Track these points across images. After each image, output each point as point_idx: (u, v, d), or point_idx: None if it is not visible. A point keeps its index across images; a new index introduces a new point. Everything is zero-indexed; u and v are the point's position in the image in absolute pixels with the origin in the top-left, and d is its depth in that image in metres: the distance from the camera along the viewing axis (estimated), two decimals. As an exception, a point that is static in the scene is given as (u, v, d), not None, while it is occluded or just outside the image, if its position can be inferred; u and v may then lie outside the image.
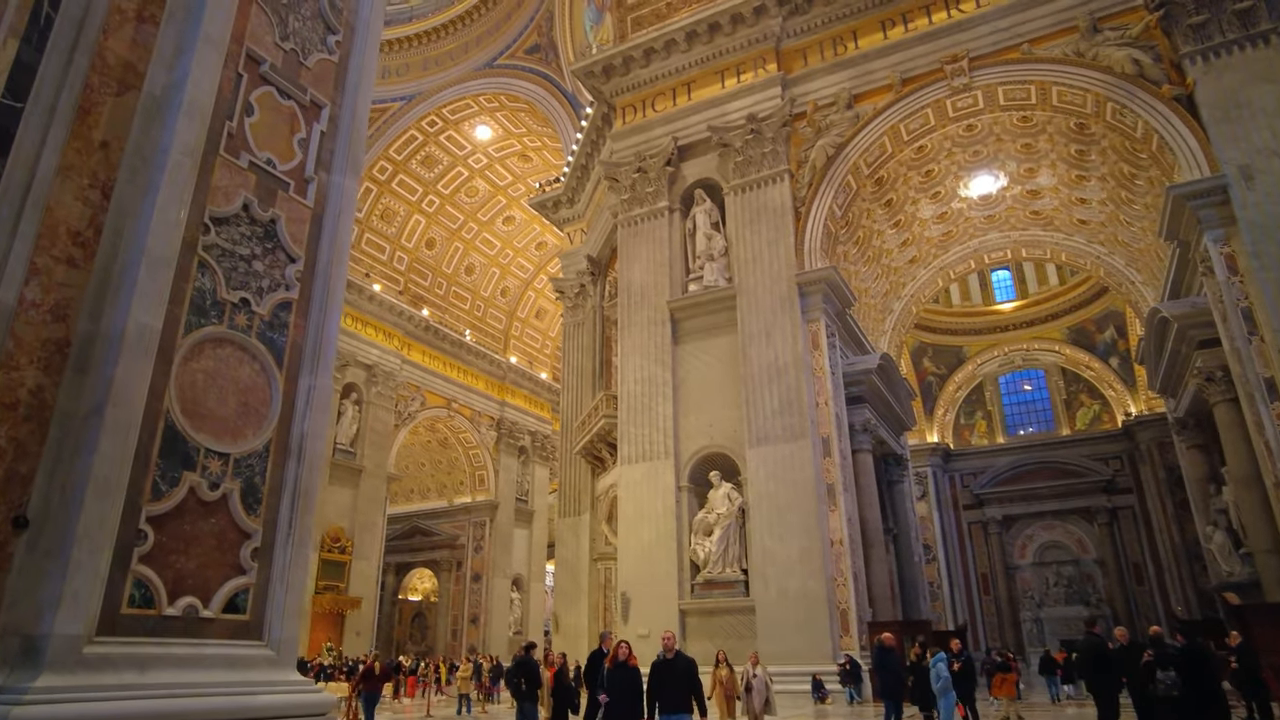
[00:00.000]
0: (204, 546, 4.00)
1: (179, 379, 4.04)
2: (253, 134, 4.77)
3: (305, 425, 4.64)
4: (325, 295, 5.03)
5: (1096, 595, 31.32)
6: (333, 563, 32.29)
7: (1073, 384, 33.57)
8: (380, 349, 36.08)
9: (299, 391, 4.67)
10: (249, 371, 4.43)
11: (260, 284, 4.61)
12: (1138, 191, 18.92)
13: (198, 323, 4.21)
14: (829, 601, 15.33)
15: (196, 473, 4.02)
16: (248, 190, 4.64)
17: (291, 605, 4.32)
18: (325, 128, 5.29)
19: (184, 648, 3.77)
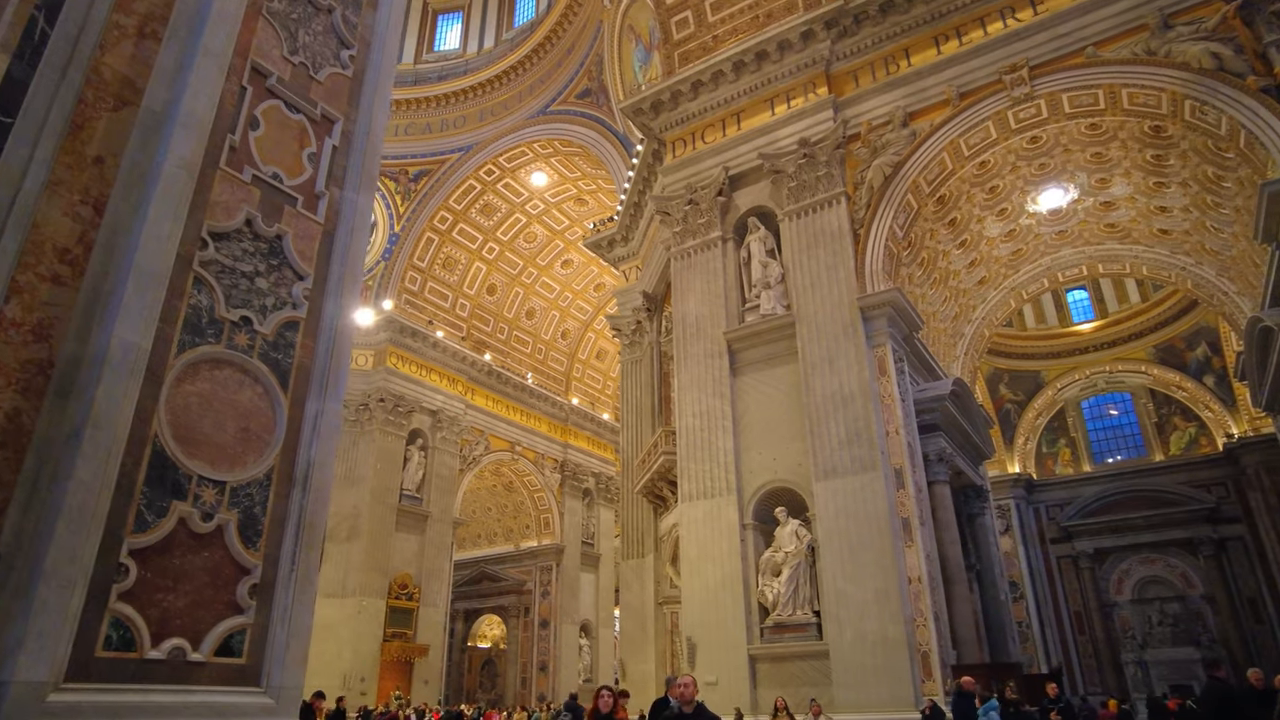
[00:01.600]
0: (195, 583, 3.67)
1: (170, 402, 3.76)
2: (257, 148, 4.56)
3: (312, 453, 4.31)
4: (337, 315, 4.74)
5: (1208, 635, 28.88)
6: (400, 610, 32.27)
7: (1163, 406, 31.48)
8: (445, 394, 36.42)
9: (306, 416, 4.36)
10: (250, 395, 4.14)
11: (264, 302, 4.34)
12: (1225, 195, 17.69)
13: (192, 342, 3.94)
14: (909, 644, 14.29)
15: (188, 502, 3.71)
16: (251, 205, 4.41)
17: (295, 649, 3.94)
18: (338, 143, 5.08)
19: (168, 695, 3.41)
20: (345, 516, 32.27)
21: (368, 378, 34.54)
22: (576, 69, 32.81)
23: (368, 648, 30.78)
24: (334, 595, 31.11)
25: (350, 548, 31.78)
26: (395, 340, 35.01)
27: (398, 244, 36.73)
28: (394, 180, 37.17)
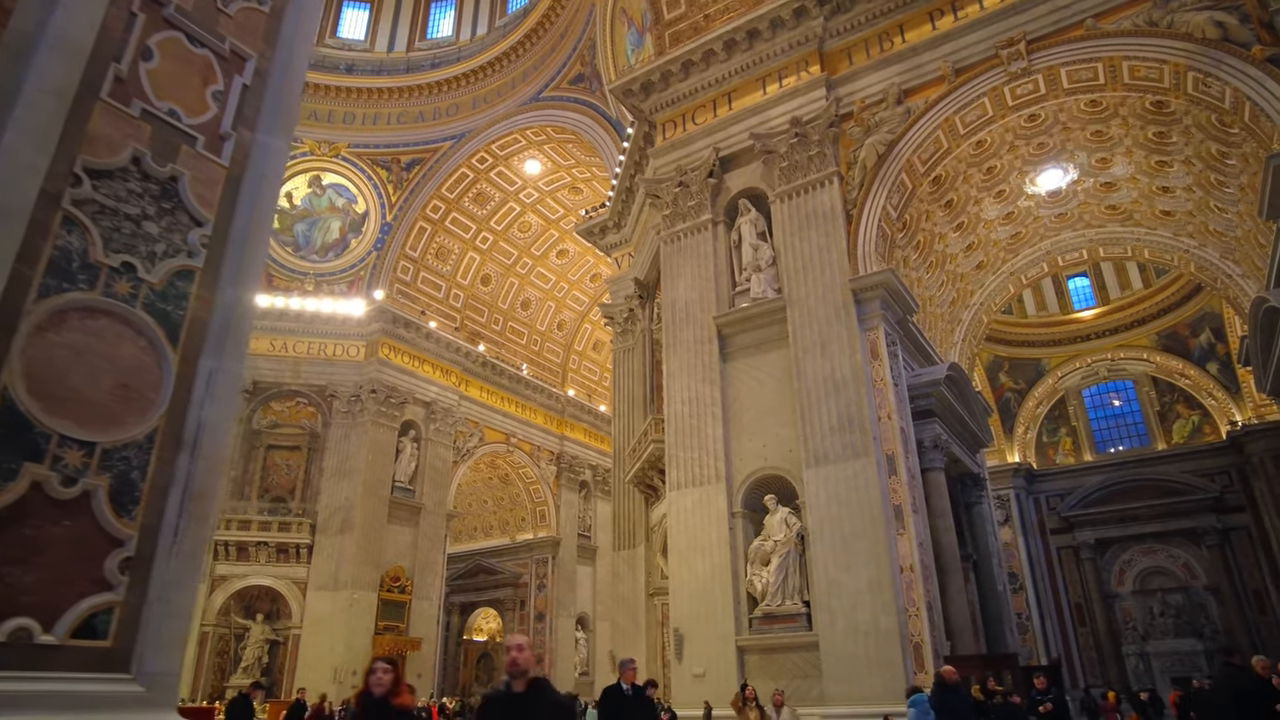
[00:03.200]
0: (53, 556, 3.24)
1: (28, 352, 3.33)
2: (151, 81, 4.12)
3: (205, 414, 3.88)
4: (241, 266, 4.29)
5: (1211, 627, 28.42)
6: (393, 603, 31.94)
7: (1166, 394, 30.97)
8: (438, 386, 36.03)
9: (199, 375, 3.92)
10: (132, 349, 3.71)
11: (153, 248, 3.90)
12: (1230, 172, 17.17)
13: (59, 287, 3.51)
14: (901, 635, 13.86)
15: (45, 465, 3.28)
16: (140, 142, 3.97)
17: (173, 630, 3.51)
18: (250, 82, 4.63)
19: (10, 683, 2.98)
20: (337, 509, 31.94)
21: (360, 369, 34.16)
22: (569, 54, 32.30)
23: (359, 641, 30.43)
24: (325, 588, 30.81)
25: (342, 540, 31.43)
26: (387, 331, 34.59)
27: (390, 233, 36.30)
28: (386, 169, 36.74)
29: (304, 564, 31.57)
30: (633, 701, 6.35)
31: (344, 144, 36.43)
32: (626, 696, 6.30)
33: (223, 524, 31.06)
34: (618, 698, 6.17)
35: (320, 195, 37.06)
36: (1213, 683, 7.73)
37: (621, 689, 6.30)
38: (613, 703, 6.16)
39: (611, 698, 6.21)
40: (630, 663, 6.41)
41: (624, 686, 6.30)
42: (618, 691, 6.25)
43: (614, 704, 6.14)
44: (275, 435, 33.99)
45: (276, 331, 34.26)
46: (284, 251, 36.18)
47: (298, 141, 36.08)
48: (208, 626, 29.93)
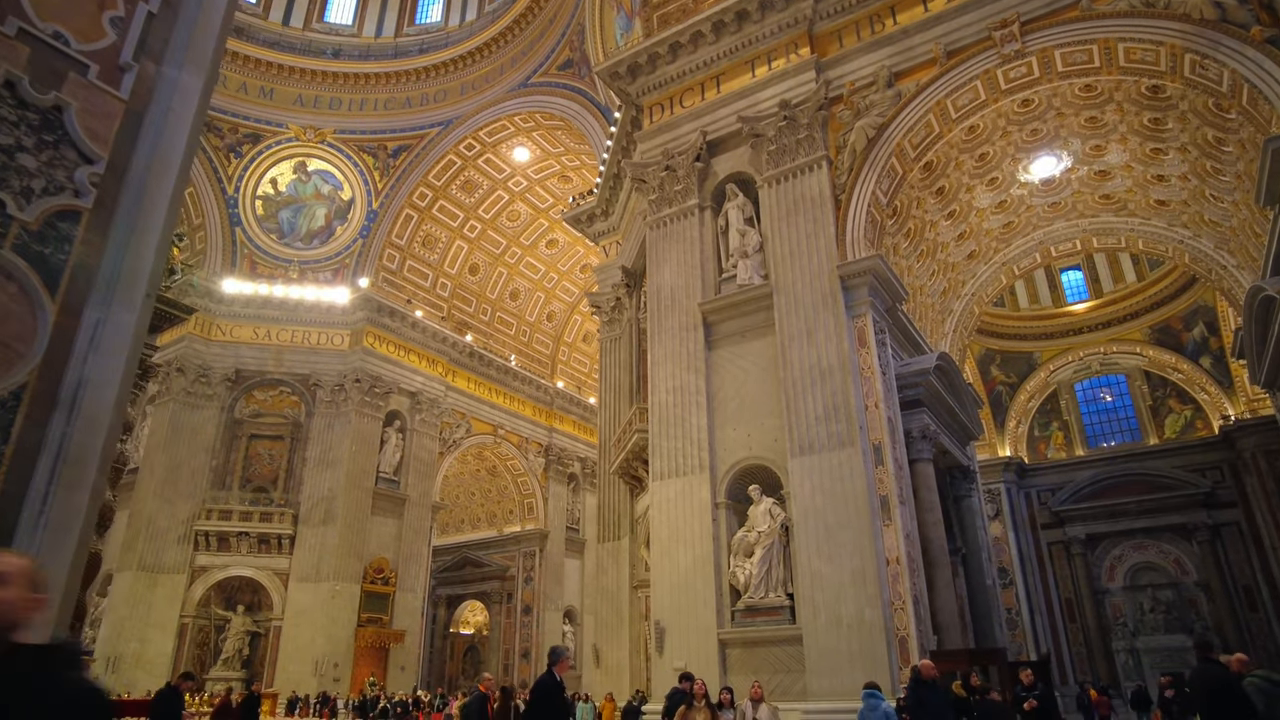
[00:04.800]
0: (-114, 527, 2.81)
1: None
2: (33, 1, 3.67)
3: (87, 370, 3.45)
4: (139, 211, 3.85)
5: (1201, 623, 28.18)
6: (376, 595, 31.55)
7: (1159, 389, 30.68)
8: (424, 376, 35.58)
9: (82, 326, 3.49)
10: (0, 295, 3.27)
11: (28, 184, 3.47)
12: (1226, 160, 16.81)
13: (-95, 221, 3.06)
14: (886, 628, 13.49)
15: (-122, 422, 2.84)
16: (14, 65, 3.53)
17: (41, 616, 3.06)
18: (156, 10, 4.18)
19: None
20: (320, 500, 31.50)
21: (344, 358, 33.68)
22: (558, 40, 31.80)
23: (341, 634, 30.05)
24: (307, 580, 30.39)
25: (325, 531, 31.01)
26: (373, 320, 34.11)
27: (376, 221, 35.80)
28: (372, 155, 36.22)
29: (286, 555, 31.14)
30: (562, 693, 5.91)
31: (330, 130, 35.90)
32: (559, 687, 5.87)
33: (203, 514, 30.62)
34: (550, 688, 5.73)
35: (305, 182, 36.52)
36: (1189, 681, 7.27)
37: (554, 678, 5.86)
38: (545, 695, 5.70)
39: (545, 689, 5.75)
40: (564, 652, 5.95)
41: (557, 676, 5.86)
42: (551, 681, 5.80)
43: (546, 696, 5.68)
44: (257, 424, 33.52)
45: (260, 319, 33.78)
46: (268, 238, 35.65)
47: (282, 127, 35.58)
48: (187, 617, 29.49)
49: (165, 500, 29.93)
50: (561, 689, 5.83)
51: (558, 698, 5.73)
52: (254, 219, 35.55)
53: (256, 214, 35.67)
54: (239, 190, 35.04)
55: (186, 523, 30.20)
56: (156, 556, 29.36)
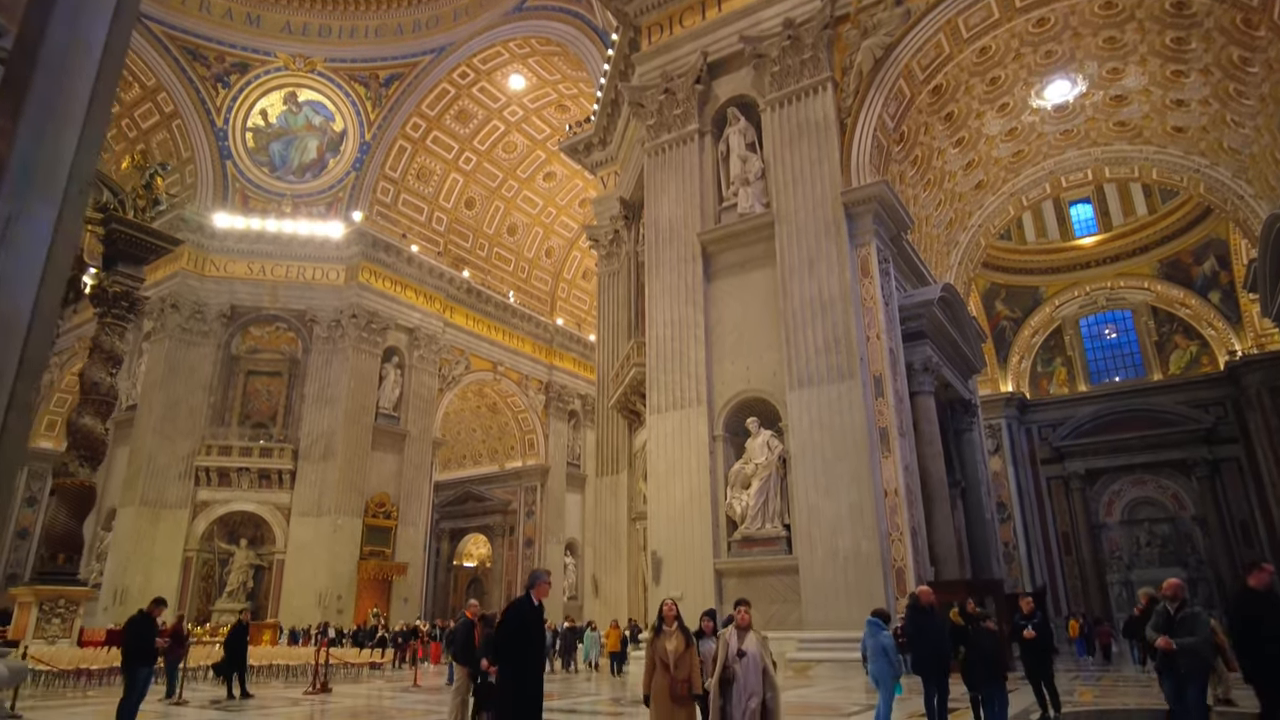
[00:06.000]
0: None
1: None
2: None
3: (-2, 269, 3.07)
4: (59, 94, 3.40)
5: (1196, 557, 28.40)
6: (378, 529, 31.77)
7: (1165, 324, 30.28)
8: (421, 312, 35.18)
9: (-9, 220, 3.10)
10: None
11: (-81, 55, 3.03)
12: (1251, 81, 16.09)
13: None
14: (883, 560, 13.45)
15: None
16: (-100, -84, 3.06)
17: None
18: None
19: None
20: (320, 436, 31.47)
21: (340, 293, 33.23)
22: (555, -42, 30.44)
23: (344, 567, 30.36)
24: (309, 514, 30.57)
25: (325, 467, 31.05)
26: (368, 254, 33.54)
27: (369, 153, 34.90)
28: (364, 85, 35.10)
29: (287, 490, 31.27)
30: (539, 618, 5.59)
31: (320, 59, 34.71)
32: (535, 611, 5.54)
33: (203, 450, 30.64)
34: (525, 612, 5.43)
35: (296, 113, 35.50)
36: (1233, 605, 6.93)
37: (530, 602, 5.57)
38: (518, 619, 5.41)
39: (518, 613, 5.46)
40: (542, 576, 5.66)
41: (534, 601, 5.56)
42: (526, 605, 5.51)
43: (519, 620, 5.40)
44: (255, 361, 33.31)
45: (253, 255, 33.23)
46: (260, 172, 34.84)
47: (271, 55, 34.41)
48: (191, 551, 29.78)
49: (165, 437, 29.91)
50: (538, 613, 5.51)
51: (531, 621, 5.42)
52: (245, 152, 34.68)
53: (247, 146, 34.77)
54: (228, 122, 34.08)
55: (187, 459, 30.24)
56: (159, 492, 29.48)
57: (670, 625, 5.69)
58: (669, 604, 5.83)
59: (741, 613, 5.81)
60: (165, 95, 32.67)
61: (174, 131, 33.65)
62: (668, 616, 5.76)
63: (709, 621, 6.52)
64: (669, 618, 5.75)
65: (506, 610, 5.63)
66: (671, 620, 5.73)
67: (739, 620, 5.76)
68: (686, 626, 5.82)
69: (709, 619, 6.55)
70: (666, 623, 5.75)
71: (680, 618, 5.81)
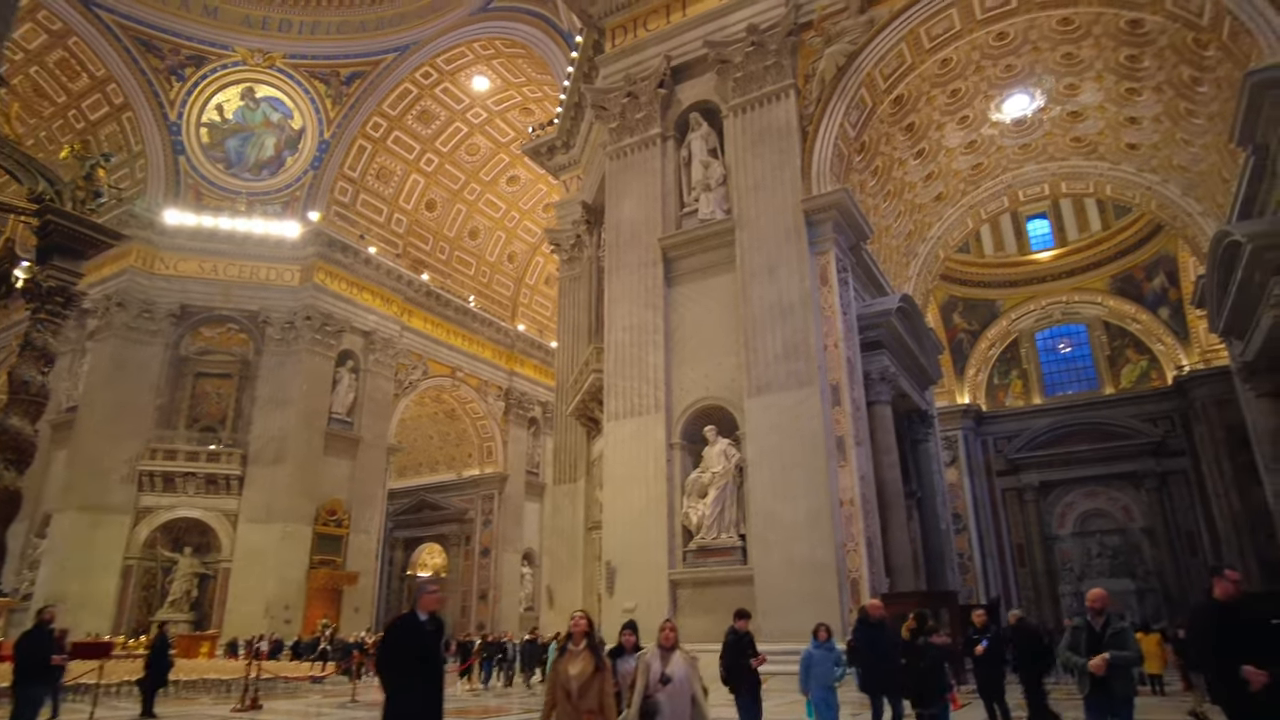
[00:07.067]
0: None
1: None
2: None
3: None
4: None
5: (1144, 567, 28.89)
6: (329, 537, 30.99)
7: (1117, 338, 30.85)
8: (378, 315, 34.53)
9: None
10: None
11: None
12: (1200, 100, 16.39)
13: None
14: (838, 569, 13.31)
15: None
16: None
17: None
18: None
19: None
20: (270, 440, 30.63)
21: (294, 294, 32.45)
22: (521, -41, 30.16)
23: (293, 575, 29.53)
24: (258, 521, 29.70)
25: (275, 472, 30.21)
26: (324, 255, 32.82)
27: (328, 152, 34.22)
28: (324, 82, 34.42)
29: (235, 496, 30.36)
30: (432, 635, 5.04)
31: (279, 54, 33.98)
32: (422, 627, 5.00)
33: (148, 453, 29.62)
34: (405, 629, 4.88)
35: (254, 109, 34.70)
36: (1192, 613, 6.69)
37: (414, 617, 5.07)
38: (403, 636, 4.88)
39: (397, 630, 4.91)
40: (429, 587, 5.14)
41: (420, 615, 5.04)
42: (408, 621, 4.99)
43: (395, 637, 4.88)
44: (205, 362, 32.37)
45: (206, 253, 32.33)
46: (214, 168, 33.97)
47: (228, 49, 33.59)
48: (131, 559, 28.70)
49: (108, 439, 28.85)
50: (416, 628, 4.85)
51: (412, 638, 4.81)
52: (199, 147, 33.77)
53: (202, 142, 33.87)
54: (182, 116, 33.16)
55: (130, 463, 29.20)
56: (99, 497, 28.40)
57: (578, 644, 4.74)
58: (578, 618, 4.94)
59: (666, 630, 5.15)
60: (115, 86, 31.69)
61: (124, 124, 32.64)
62: (575, 633, 4.84)
63: (630, 635, 5.74)
64: (576, 634, 4.82)
65: (387, 627, 5.14)
66: (580, 638, 4.76)
67: (662, 638, 5.07)
68: (598, 645, 4.90)
69: (630, 631, 5.77)
70: (573, 641, 4.81)
71: (591, 634, 4.88)
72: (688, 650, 5.19)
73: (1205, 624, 4.70)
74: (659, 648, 5.06)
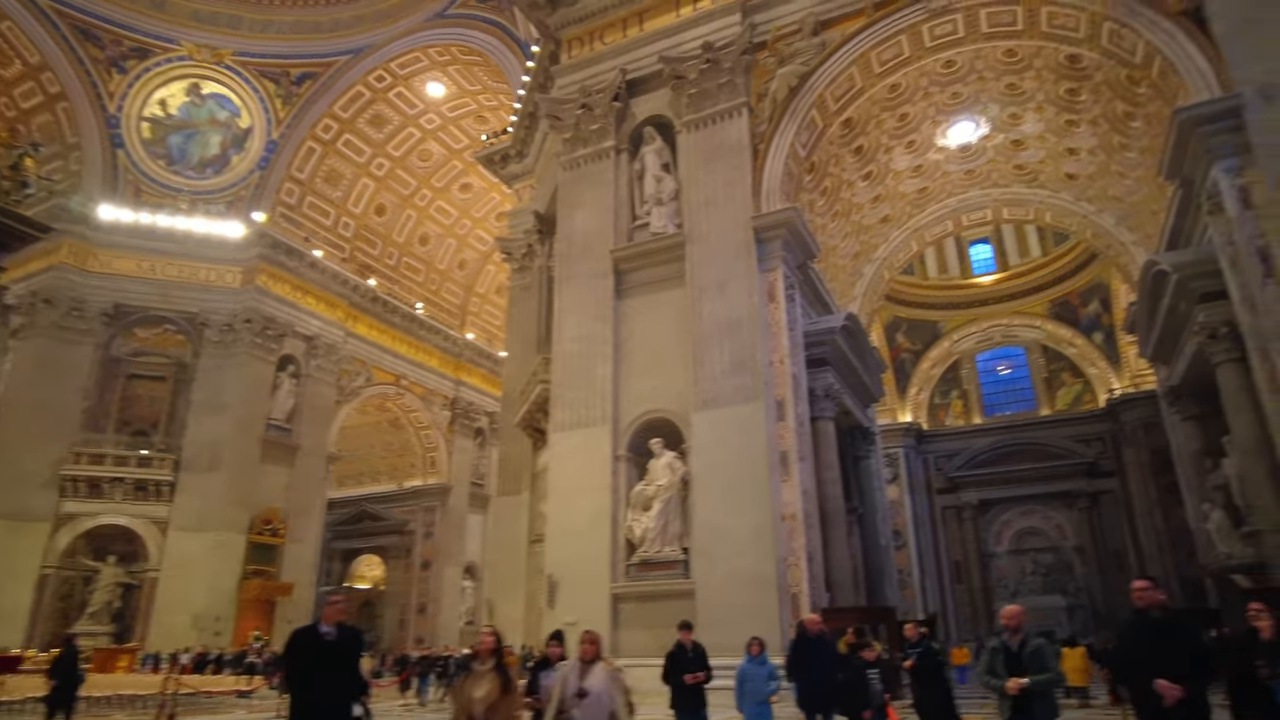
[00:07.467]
0: None
1: None
2: None
3: None
4: None
5: (1075, 584, 29.75)
6: (264, 546, 30.06)
7: (1055, 361, 31.87)
8: (322, 320, 33.79)
9: None
10: None
11: None
12: (1133, 135, 17.07)
13: None
14: (779, 584, 13.37)
15: None
16: None
17: None
18: None
19: None
20: (205, 445, 29.64)
21: (235, 296, 31.57)
22: (480, -33, 30.02)
23: (225, 585, 28.54)
24: (189, 529, 28.66)
25: (209, 479, 29.23)
26: (268, 257, 32.02)
27: (276, 152, 33.46)
28: (274, 81, 33.67)
29: (166, 502, 29.27)
30: (336, 646, 4.83)
31: (228, 51, 33.15)
32: (321, 639, 4.66)
33: (72, 458, 28.38)
34: (308, 642, 4.69)
35: (199, 106, 33.77)
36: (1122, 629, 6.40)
37: (314, 630, 4.75)
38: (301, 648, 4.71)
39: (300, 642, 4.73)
40: (333, 598, 4.99)
41: (323, 628, 4.87)
42: (310, 634, 4.81)
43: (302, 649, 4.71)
44: (139, 364, 31.22)
45: (144, 251, 31.27)
46: (155, 164, 32.94)
47: (174, 43, 32.67)
48: (49, 569, 27.38)
49: (30, 442, 27.55)
50: (314, 640, 4.63)
51: (306, 650, 4.59)
52: (139, 142, 32.71)
53: (143, 137, 32.81)
54: (122, 110, 32.07)
55: (53, 467, 27.93)
56: (18, 503, 27.06)
57: (484, 663, 4.37)
58: (485, 634, 4.62)
59: (586, 644, 4.91)
60: (51, 75, 30.51)
61: (59, 114, 31.43)
62: (481, 651, 4.47)
63: (557, 646, 5.51)
64: (483, 652, 4.46)
65: (288, 639, 4.95)
66: (486, 656, 4.41)
67: (582, 652, 4.83)
68: (507, 664, 4.55)
69: (556, 643, 5.54)
70: (479, 659, 4.46)
71: (500, 652, 4.54)
72: (613, 663, 5.02)
73: (1126, 638, 4.76)
74: (579, 661, 4.86)
